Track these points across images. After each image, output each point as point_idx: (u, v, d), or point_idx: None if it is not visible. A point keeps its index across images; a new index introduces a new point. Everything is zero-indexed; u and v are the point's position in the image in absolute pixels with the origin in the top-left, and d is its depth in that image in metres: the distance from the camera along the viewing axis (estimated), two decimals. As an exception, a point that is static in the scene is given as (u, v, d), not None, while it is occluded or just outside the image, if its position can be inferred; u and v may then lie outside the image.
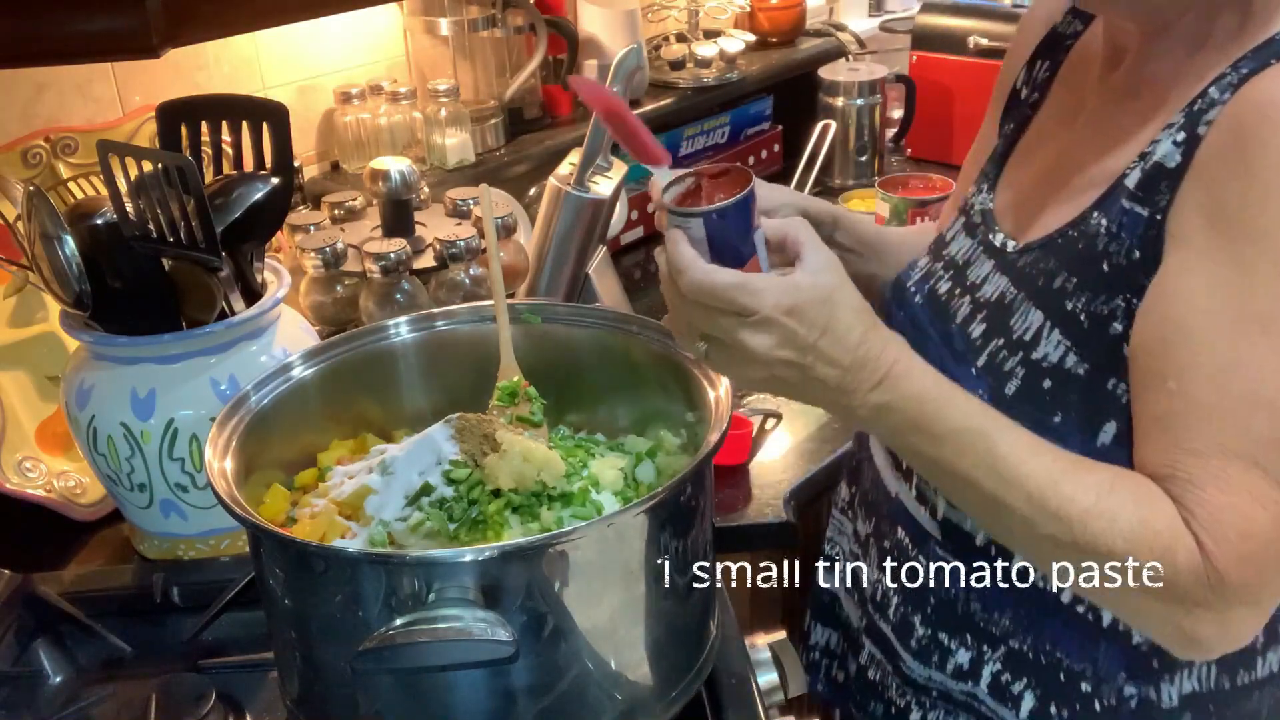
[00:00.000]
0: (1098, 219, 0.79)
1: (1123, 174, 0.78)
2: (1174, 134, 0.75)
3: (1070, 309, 0.80)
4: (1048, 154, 0.91)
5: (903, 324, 0.93)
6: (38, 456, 1.20)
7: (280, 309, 1.10)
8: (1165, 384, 0.73)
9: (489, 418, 0.89)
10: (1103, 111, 0.86)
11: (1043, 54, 0.97)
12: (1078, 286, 0.79)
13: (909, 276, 0.98)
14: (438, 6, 1.72)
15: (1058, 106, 0.94)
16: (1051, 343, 0.80)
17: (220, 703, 0.91)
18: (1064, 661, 0.85)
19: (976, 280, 0.89)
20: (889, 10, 2.68)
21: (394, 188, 1.40)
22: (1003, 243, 0.89)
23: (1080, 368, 0.79)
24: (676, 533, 0.80)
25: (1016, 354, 0.82)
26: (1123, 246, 0.77)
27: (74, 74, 1.36)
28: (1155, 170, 0.76)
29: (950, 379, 0.83)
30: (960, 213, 0.98)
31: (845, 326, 0.73)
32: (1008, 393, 0.82)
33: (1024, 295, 0.84)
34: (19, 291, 1.23)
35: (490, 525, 0.80)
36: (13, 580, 1.01)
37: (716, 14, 2.15)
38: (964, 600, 0.89)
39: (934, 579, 0.90)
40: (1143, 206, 0.76)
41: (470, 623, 0.69)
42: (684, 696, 0.84)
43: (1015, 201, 0.92)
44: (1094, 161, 0.83)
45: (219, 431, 0.83)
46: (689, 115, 1.96)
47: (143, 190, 0.99)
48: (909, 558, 0.92)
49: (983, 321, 0.86)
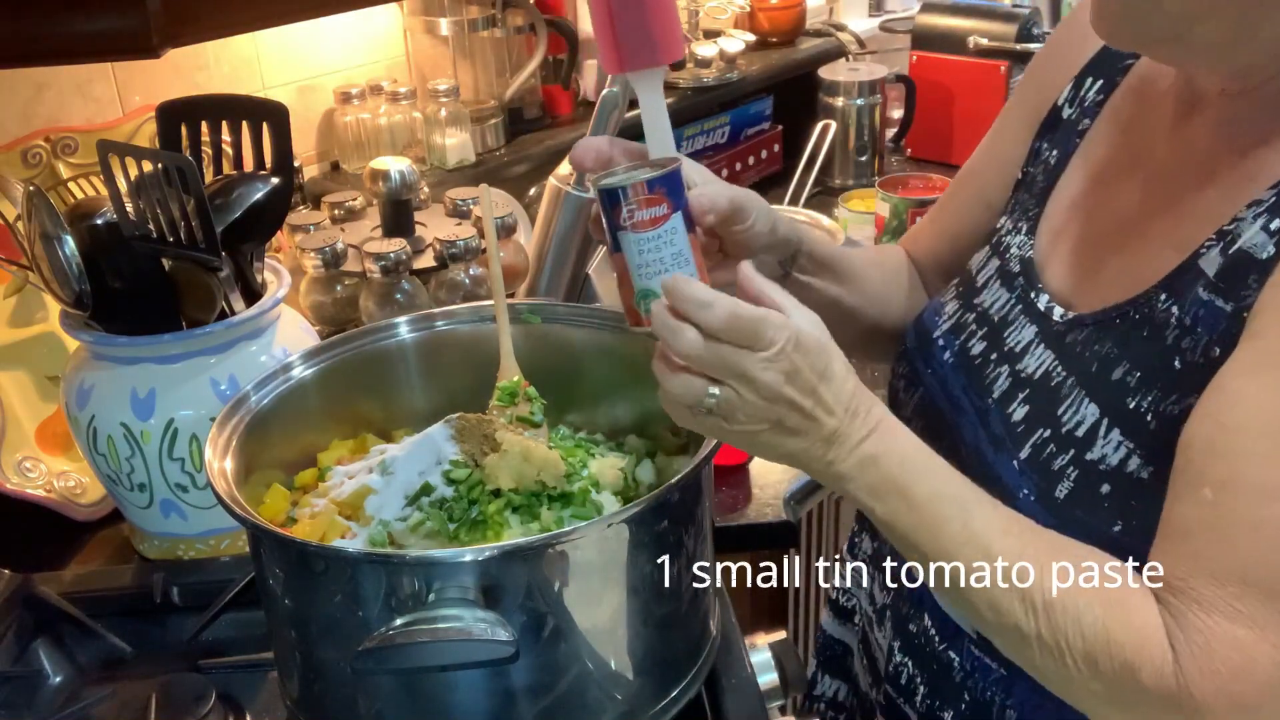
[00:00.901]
0: (1167, 303, 0.71)
1: (1197, 252, 0.70)
2: (1265, 217, 0.67)
3: (1134, 407, 0.71)
4: (1104, 203, 0.81)
5: (933, 388, 0.87)
6: (38, 456, 1.20)
7: (280, 309, 1.10)
8: (1200, 491, 0.65)
9: (489, 418, 0.89)
10: (1176, 169, 0.76)
11: (1095, 72, 0.86)
12: (1141, 382, 0.71)
13: (935, 324, 0.89)
14: (438, 6, 1.72)
15: (1114, 144, 0.84)
16: (1111, 443, 0.72)
17: (220, 703, 0.91)
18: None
19: (1016, 348, 0.81)
20: (889, 10, 2.68)
21: (394, 188, 1.40)
22: (1047, 307, 0.80)
23: (1144, 471, 0.70)
24: (676, 533, 0.80)
25: (1067, 451, 0.74)
26: (1198, 342, 0.69)
27: (74, 74, 1.36)
28: (1241, 259, 0.67)
29: (989, 469, 0.78)
30: (993, 250, 0.89)
31: (840, 375, 0.69)
32: (1058, 496, 0.73)
33: (1074, 381, 0.76)
34: (19, 291, 1.23)
35: (490, 525, 0.80)
36: (13, 580, 1.01)
37: (716, 14, 2.15)
38: (1000, 705, 0.81)
39: (968, 678, 0.83)
40: (1224, 300, 0.68)
41: (470, 623, 0.69)
42: (684, 696, 0.84)
43: (1061, 254, 0.83)
44: (1162, 228, 0.74)
45: (219, 431, 0.83)
46: (689, 115, 1.96)
47: (143, 190, 0.99)
48: (935, 648, 0.85)
49: (1025, 403, 0.78)
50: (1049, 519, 0.73)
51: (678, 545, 0.80)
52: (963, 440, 0.82)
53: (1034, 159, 0.90)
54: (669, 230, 0.71)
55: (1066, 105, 0.88)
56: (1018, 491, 0.75)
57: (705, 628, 0.87)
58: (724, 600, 0.96)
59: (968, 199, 0.99)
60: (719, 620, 0.90)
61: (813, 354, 0.68)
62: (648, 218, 0.71)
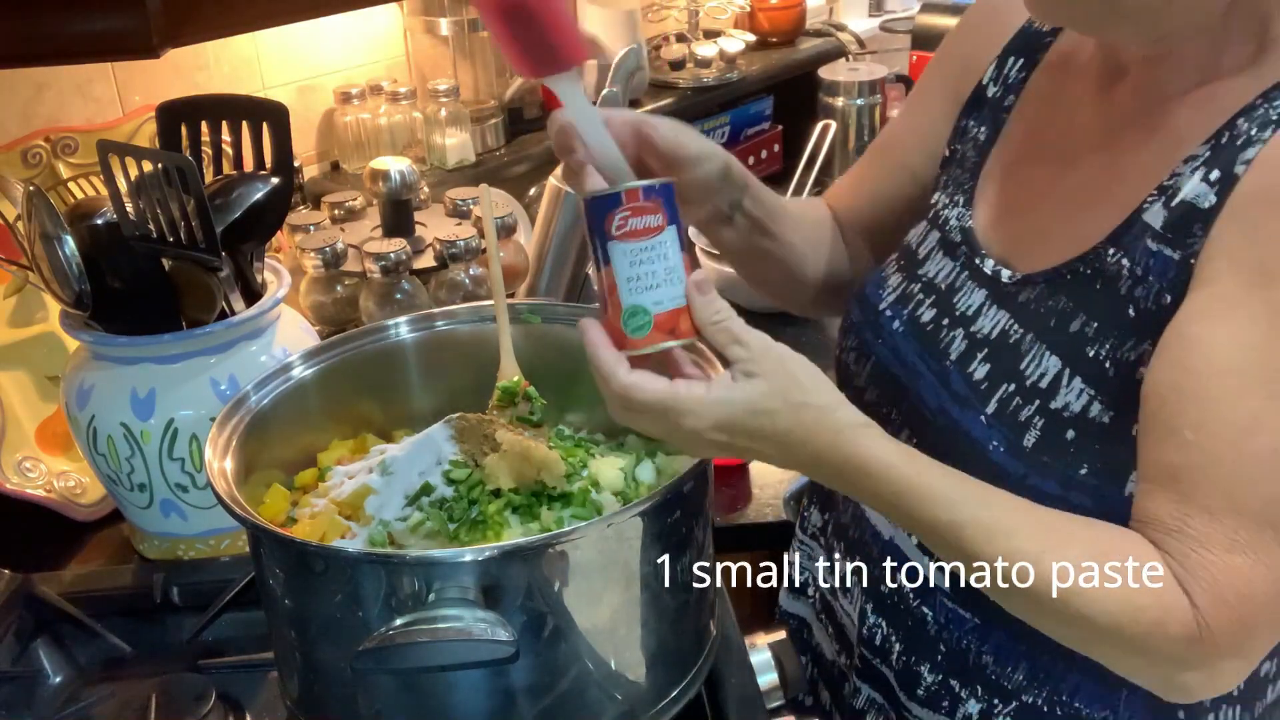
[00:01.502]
0: (1116, 257, 0.75)
1: (1140, 208, 0.74)
2: (1202, 169, 0.71)
3: (1093, 355, 0.75)
4: (1038, 172, 0.85)
5: (885, 356, 0.89)
6: (38, 456, 1.20)
7: (280, 309, 1.10)
8: (1180, 435, 0.69)
9: (489, 418, 0.89)
10: (1107, 134, 0.81)
11: (1016, 51, 0.91)
12: (1099, 332, 0.75)
13: (879, 297, 0.92)
14: (438, 6, 1.72)
15: (1041, 116, 0.88)
16: (1073, 391, 0.76)
17: (220, 703, 0.91)
18: (1083, 711, 0.82)
19: (968, 312, 0.84)
20: (889, 10, 2.68)
21: (394, 188, 1.40)
22: (995, 271, 0.84)
23: (1105, 416, 0.75)
24: (676, 533, 0.80)
25: (1032, 401, 0.78)
26: (1150, 291, 0.73)
27: (74, 74, 1.36)
28: (1185, 210, 0.72)
29: (956, 426, 0.81)
30: (931, 224, 0.92)
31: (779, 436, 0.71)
32: (1026, 445, 0.77)
33: (1033, 336, 0.79)
34: (19, 291, 1.23)
35: (490, 525, 0.80)
36: (13, 580, 1.01)
37: (716, 14, 2.15)
38: (975, 653, 0.85)
39: (943, 630, 0.86)
40: (1172, 249, 0.72)
41: (470, 623, 0.69)
42: (684, 696, 0.84)
43: (1000, 222, 0.87)
44: (1101, 189, 0.79)
45: (219, 431, 0.83)
46: (689, 115, 1.95)
47: (143, 190, 0.99)
48: (909, 605, 0.88)
49: (985, 362, 0.81)
50: (1018, 466, 0.77)
51: (678, 545, 0.80)
52: (924, 403, 0.84)
53: (960, 136, 0.94)
54: (663, 242, 0.70)
55: (991, 84, 0.92)
56: (987, 444, 0.78)
57: (705, 628, 0.87)
58: (724, 600, 0.96)
59: (889, 163, 1.02)
60: (719, 620, 0.90)
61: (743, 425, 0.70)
62: (641, 226, 0.70)
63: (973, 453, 0.78)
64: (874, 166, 1.04)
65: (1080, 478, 0.75)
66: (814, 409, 0.71)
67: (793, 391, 0.70)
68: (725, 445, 0.71)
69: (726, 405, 0.70)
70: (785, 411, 0.70)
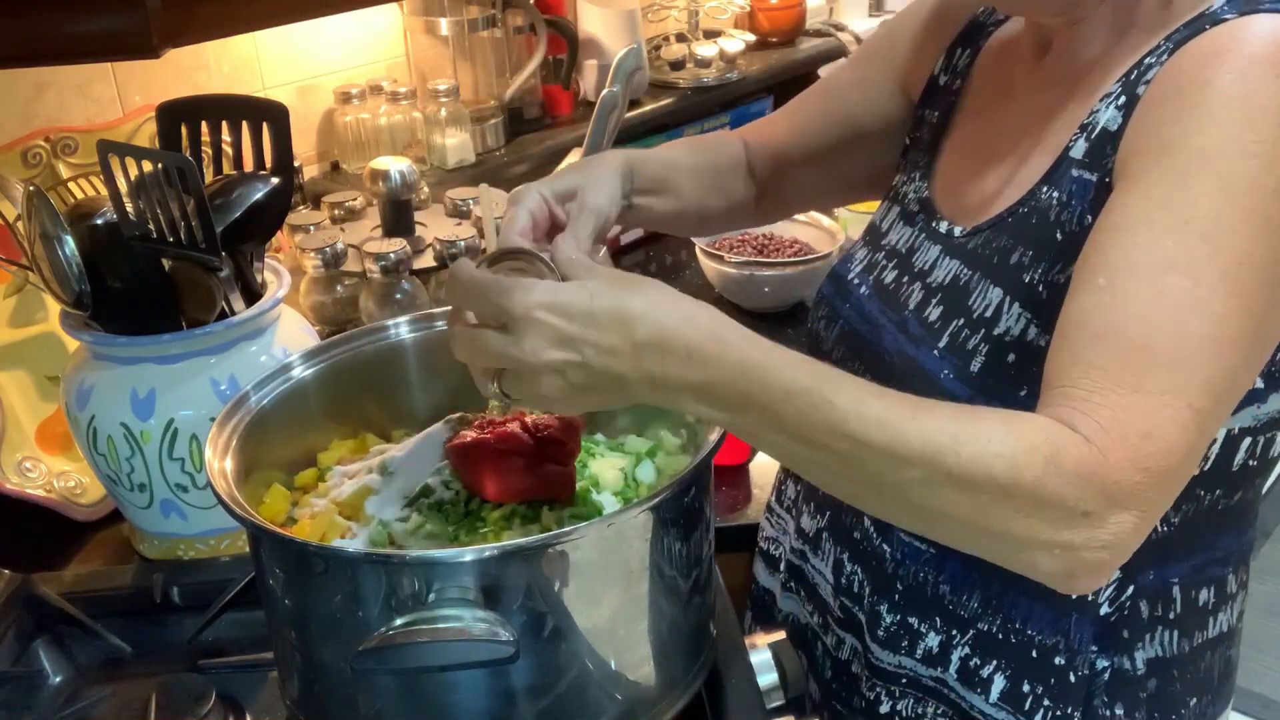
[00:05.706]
0: (1048, 192, 0.80)
1: (1066, 147, 0.80)
2: (1114, 100, 0.77)
3: (1028, 281, 0.80)
4: (983, 140, 0.92)
5: (851, 317, 0.95)
6: (38, 456, 1.20)
7: (280, 309, 1.10)
8: (1095, 281, 0.70)
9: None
10: (1036, 97, 0.87)
11: (963, 43, 0.99)
12: (1033, 259, 0.80)
13: (847, 270, 0.98)
14: (438, 6, 1.72)
15: (985, 93, 0.95)
16: (1013, 316, 0.80)
17: (220, 703, 0.91)
18: (1035, 638, 0.85)
19: (924, 266, 0.90)
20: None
21: (394, 188, 1.40)
22: (948, 229, 0.90)
23: (1042, 339, 0.77)
24: (677, 533, 0.80)
25: (979, 331, 0.82)
26: (1074, 214, 0.78)
27: (74, 74, 1.36)
28: (1101, 136, 0.77)
29: (913, 362, 0.85)
30: (892, 201, 0.99)
31: (614, 310, 0.67)
32: (973, 370, 0.82)
33: (980, 274, 0.84)
34: (19, 291, 1.23)
35: (490, 525, 0.80)
36: (13, 580, 1.01)
37: (716, 14, 2.15)
38: (933, 584, 0.89)
39: (899, 566, 0.90)
40: (1091, 172, 0.77)
41: (470, 623, 0.69)
42: (684, 697, 0.84)
43: (953, 189, 0.93)
44: (1034, 142, 0.84)
45: (219, 431, 0.83)
46: (689, 115, 1.96)
47: (143, 190, 0.99)
48: (872, 544, 0.92)
49: (939, 304, 0.87)
50: (965, 390, 0.81)
51: (678, 545, 0.80)
52: (884, 349, 0.89)
53: (919, 125, 1.01)
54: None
55: (942, 74, 1.00)
56: (939, 374, 0.83)
57: (705, 628, 0.87)
58: (724, 600, 0.96)
59: (830, 108, 1.08)
60: (719, 620, 0.90)
61: (571, 305, 0.67)
62: None
63: (924, 381, 0.83)
64: (807, 107, 1.10)
65: (1021, 398, 0.78)
66: (661, 288, 0.69)
67: (635, 281, 0.70)
68: (563, 340, 0.67)
69: (563, 289, 0.68)
70: (629, 293, 0.68)
